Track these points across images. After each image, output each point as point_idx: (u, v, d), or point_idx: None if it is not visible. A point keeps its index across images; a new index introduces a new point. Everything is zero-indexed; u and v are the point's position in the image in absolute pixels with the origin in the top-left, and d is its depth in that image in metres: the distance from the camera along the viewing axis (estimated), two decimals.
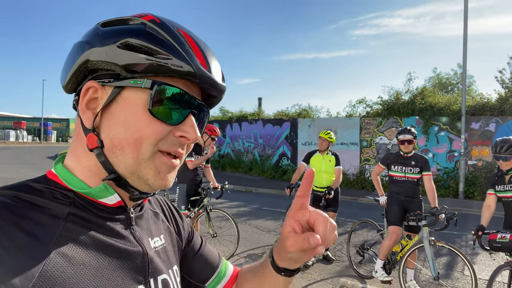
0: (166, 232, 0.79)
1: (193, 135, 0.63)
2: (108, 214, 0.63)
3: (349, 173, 14.33)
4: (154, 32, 0.60)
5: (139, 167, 0.60)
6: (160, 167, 0.62)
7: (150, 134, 0.59)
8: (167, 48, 0.59)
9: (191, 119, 0.64)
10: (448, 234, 6.94)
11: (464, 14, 12.36)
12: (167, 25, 0.62)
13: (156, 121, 0.59)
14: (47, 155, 25.93)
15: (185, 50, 0.60)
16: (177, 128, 0.62)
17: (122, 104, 0.60)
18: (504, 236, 3.30)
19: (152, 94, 0.59)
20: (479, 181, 11.85)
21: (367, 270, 5.10)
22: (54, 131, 54.21)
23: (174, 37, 0.61)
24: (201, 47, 0.64)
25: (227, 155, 19.09)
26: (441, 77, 30.79)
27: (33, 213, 0.54)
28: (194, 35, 0.65)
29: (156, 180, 0.62)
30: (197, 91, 0.66)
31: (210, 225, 5.25)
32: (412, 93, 14.11)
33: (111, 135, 0.60)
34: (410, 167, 4.42)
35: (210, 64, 0.63)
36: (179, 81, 0.62)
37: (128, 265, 0.62)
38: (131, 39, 0.59)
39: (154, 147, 0.60)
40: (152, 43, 0.59)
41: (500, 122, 12.02)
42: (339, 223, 7.79)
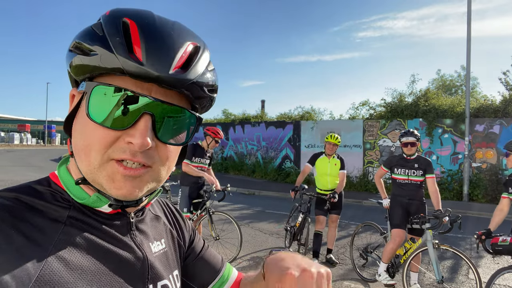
0: (167, 236, 0.78)
1: (138, 140, 0.54)
2: (108, 220, 0.62)
3: (352, 176, 14.29)
4: (96, 28, 0.56)
5: (94, 175, 0.57)
6: (113, 176, 0.56)
7: (95, 141, 0.55)
8: (98, 44, 0.54)
9: (144, 122, 0.55)
10: (452, 237, 6.89)
11: (468, 16, 12.34)
12: (113, 16, 0.56)
13: (99, 127, 0.55)
14: (51, 158, 26.03)
15: (115, 41, 0.53)
16: (126, 132, 0.55)
17: (81, 110, 0.58)
18: (505, 240, 3.30)
19: (88, 97, 0.55)
20: (483, 183, 11.78)
21: (371, 273, 5.07)
22: (58, 134, 54.44)
23: (110, 28, 0.55)
24: (144, 34, 0.55)
25: (230, 158, 19.09)
26: (445, 79, 30.71)
27: (32, 216, 0.53)
28: (150, 21, 0.57)
29: (111, 189, 0.57)
30: (163, 90, 0.57)
31: (213, 227, 5.24)
32: (415, 95, 14.06)
33: (74, 141, 0.59)
34: (413, 170, 4.39)
35: (150, 53, 0.54)
36: (126, 79, 0.55)
37: (127, 271, 0.61)
38: (78, 40, 0.57)
39: (101, 155, 0.55)
40: (88, 40, 0.55)
41: (504, 124, 11.95)
42: (342, 226, 7.77)
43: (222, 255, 4.48)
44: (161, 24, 0.57)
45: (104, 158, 0.55)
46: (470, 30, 12.25)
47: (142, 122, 0.55)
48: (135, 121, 0.55)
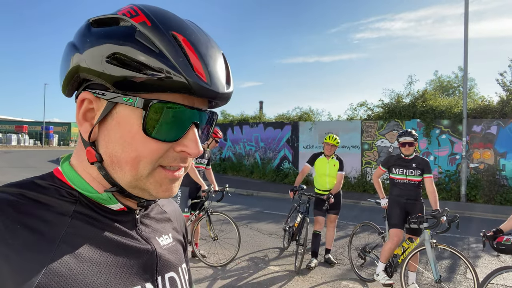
0: (174, 231, 0.78)
1: (194, 150, 0.59)
2: (114, 215, 0.63)
3: (350, 176, 14.31)
4: (144, 40, 0.54)
5: (139, 183, 0.59)
6: (162, 181, 0.60)
7: (148, 154, 0.57)
8: (159, 61, 0.53)
9: (193, 132, 0.59)
10: (450, 237, 6.92)
11: (465, 17, 12.39)
12: (160, 29, 0.55)
13: (152, 140, 0.56)
14: (49, 159, 25.97)
15: (179, 61, 0.54)
16: (178, 142, 0.58)
17: (117, 121, 0.57)
18: (509, 239, 3.31)
19: (146, 114, 0.55)
20: (481, 184, 11.82)
21: (369, 273, 5.09)
22: (55, 135, 54.36)
23: (167, 45, 0.54)
24: (200, 53, 0.57)
25: (228, 159, 19.09)
26: (442, 80, 30.82)
27: (38, 210, 0.54)
28: (194, 35, 0.58)
29: (158, 193, 0.61)
30: (202, 99, 0.61)
31: (211, 228, 5.24)
32: (413, 96, 14.10)
33: (109, 151, 0.58)
34: (411, 170, 4.41)
35: (211, 73, 0.57)
36: (177, 95, 0.57)
37: (135, 263, 0.61)
38: (119, 49, 0.54)
39: (153, 165, 0.58)
40: (142, 55, 0.53)
41: (501, 125, 12.00)
42: (340, 226, 7.78)
43: (220, 255, 4.47)
44: (201, 35, 0.60)
45: (154, 167, 0.58)
46: (467, 31, 12.30)
47: (192, 132, 0.59)
48: (185, 132, 0.59)
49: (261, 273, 5.00)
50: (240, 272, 5.00)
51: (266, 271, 5.09)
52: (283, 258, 5.71)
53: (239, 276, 4.84)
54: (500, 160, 11.97)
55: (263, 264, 5.38)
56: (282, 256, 5.84)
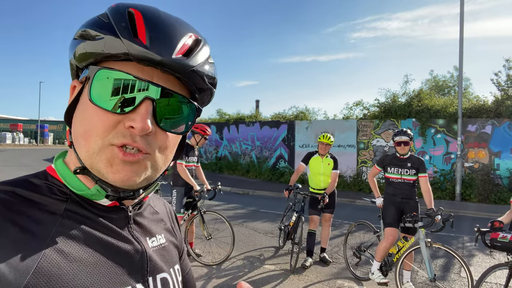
0: (167, 232, 0.77)
1: (138, 124, 0.54)
2: (105, 213, 0.62)
3: (346, 175, 14.35)
4: (102, 17, 0.58)
5: (93, 161, 0.57)
6: (112, 160, 0.56)
7: (95, 126, 0.55)
8: (105, 30, 0.55)
9: (145, 107, 0.56)
10: (445, 236, 6.95)
11: (460, 17, 12.45)
12: (117, 6, 0.58)
13: (100, 111, 0.55)
14: (44, 158, 25.81)
15: (120, 26, 0.55)
16: (127, 117, 0.55)
17: (82, 98, 0.59)
18: (505, 236, 3.31)
19: (91, 81, 0.56)
20: (476, 183, 11.89)
21: (364, 272, 5.10)
22: (51, 134, 54.01)
23: (115, 16, 0.56)
24: (148, 21, 0.56)
25: (224, 158, 19.07)
26: (438, 80, 30.96)
27: (29, 209, 0.53)
28: (155, 13, 0.59)
29: (109, 174, 0.57)
30: (165, 76, 0.58)
31: (205, 227, 5.22)
32: (408, 96, 14.16)
33: (74, 129, 0.59)
34: (406, 169, 4.42)
35: (154, 37, 0.55)
36: (129, 65, 0.56)
37: (126, 263, 0.61)
38: (83, 29, 0.58)
39: (102, 140, 0.55)
40: (94, 27, 0.57)
41: (496, 124, 12.07)
42: (335, 225, 7.80)
43: (215, 254, 4.45)
44: (165, 16, 0.59)
45: (105, 143, 0.55)
46: (462, 31, 12.36)
47: (143, 106, 0.56)
48: (137, 105, 0.55)
49: (257, 272, 5.00)
50: (235, 271, 4.99)
51: (261, 270, 5.09)
52: (279, 257, 5.72)
53: (234, 275, 4.84)
54: (495, 159, 12.05)
55: (259, 263, 5.37)
56: (278, 255, 5.84)
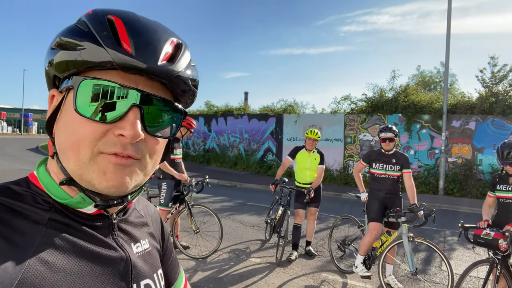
0: (150, 237, 0.78)
1: (130, 131, 0.55)
2: (89, 221, 0.62)
3: (333, 169, 14.48)
4: (80, 25, 0.57)
5: (83, 172, 0.56)
6: (105, 168, 0.56)
7: (85, 136, 0.55)
8: (85, 39, 0.55)
9: (133, 114, 0.56)
10: (427, 230, 7.10)
11: (448, 13, 12.57)
12: (96, 14, 0.58)
13: (88, 121, 0.55)
14: (28, 147, 25.33)
15: (103, 35, 0.54)
16: (116, 125, 0.56)
17: (65, 108, 0.58)
18: (489, 234, 3.37)
19: (76, 92, 0.55)
20: (459, 178, 12.14)
21: (348, 265, 5.19)
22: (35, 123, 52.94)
23: (95, 24, 0.56)
24: (130, 29, 0.56)
25: (212, 150, 19.02)
26: (424, 75, 31.23)
27: (12, 218, 0.53)
28: (134, 19, 0.58)
29: (101, 182, 0.56)
30: (149, 82, 0.59)
31: (192, 221, 5.23)
32: (395, 91, 14.30)
33: (58, 140, 0.59)
34: (391, 165, 4.50)
35: (138, 45, 0.55)
36: (113, 73, 0.56)
37: (110, 272, 0.61)
38: (61, 37, 0.57)
39: (91, 149, 0.55)
40: (74, 36, 0.56)
41: (480, 120, 12.30)
42: (321, 218, 7.89)
43: (202, 247, 4.45)
44: (144, 21, 0.59)
45: (94, 152, 0.55)
46: (449, 27, 12.50)
47: (131, 114, 0.56)
48: (124, 113, 0.56)
49: (243, 265, 5.04)
50: (221, 264, 5.03)
51: (247, 263, 5.13)
52: (265, 250, 5.77)
53: (220, 268, 4.87)
54: (478, 155, 12.31)
55: (245, 256, 5.42)
56: (264, 248, 5.90)
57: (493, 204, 3.82)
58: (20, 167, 14.40)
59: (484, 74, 12.93)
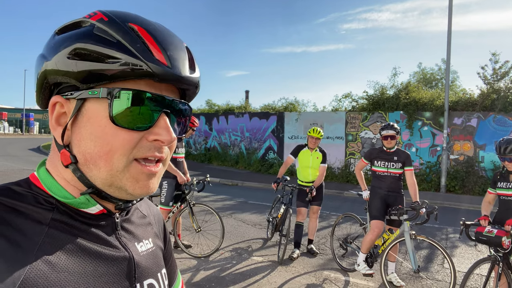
0: (154, 236, 0.78)
1: (167, 136, 0.58)
2: (92, 220, 0.62)
3: (334, 167, 14.47)
4: (102, 33, 0.56)
5: (115, 179, 0.58)
6: (138, 177, 0.58)
7: (120, 145, 0.56)
8: (116, 50, 0.55)
9: (164, 120, 0.59)
10: (429, 227, 7.09)
11: (449, 10, 12.52)
12: (116, 22, 0.57)
13: (123, 130, 0.56)
14: (29, 147, 25.38)
15: (137, 48, 0.55)
16: (149, 132, 0.58)
17: (87, 117, 0.57)
18: (491, 231, 3.35)
19: (111, 103, 0.55)
20: (461, 175, 12.11)
21: (350, 263, 5.19)
22: (36, 123, 53.00)
23: (124, 35, 0.56)
24: (158, 39, 0.58)
25: (214, 148, 19.03)
26: (426, 72, 31.17)
27: (15, 219, 0.52)
28: (152, 25, 0.60)
29: (135, 189, 0.59)
30: (168, 87, 0.62)
31: (194, 219, 5.23)
32: (397, 88, 14.26)
33: (82, 149, 0.58)
34: (393, 163, 4.49)
35: (172, 57, 0.58)
36: (141, 82, 0.58)
37: (114, 271, 0.61)
38: (79, 46, 0.56)
39: (127, 157, 0.57)
40: (101, 46, 0.55)
41: (481, 117, 12.27)
42: (323, 216, 7.88)
43: (204, 246, 4.45)
44: (160, 27, 0.61)
45: (129, 160, 0.57)
46: (451, 24, 12.45)
47: (162, 120, 0.59)
48: (156, 120, 0.59)
49: (245, 264, 5.04)
50: (223, 263, 5.03)
51: (249, 262, 5.14)
52: (267, 249, 5.77)
53: (222, 267, 4.87)
54: (479, 152, 12.28)
55: (247, 255, 5.42)
56: (266, 246, 5.90)
57: (493, 201, 3.81)
58: (21, 167, 14.43)
59: (485, 71, 12.88)
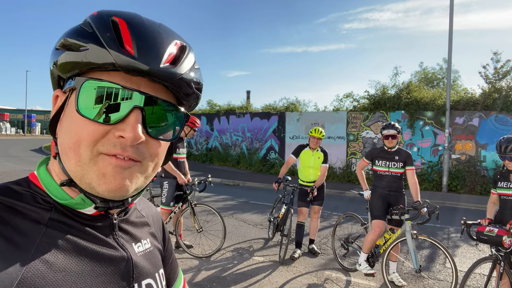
0: (151, 237, 0.78)
1: (129, 133, 0.54)
2: (89, 221, 0.61)
3: (335, 167, 14.46)
4: (85, 26, 0.57)
5: (82, 172, 0.56)
6: (105, 169, 0.56)
7: (85, 136, 0.55)
8: (88, 39, 0.55)
9: (134, 117, 0.55)
10: (430, 227, 7.08)
11: (450, 10, 12.50)
12: (101, 16, 0.57)
13: (90, 121, 0.55)
14: (31, 148, 25.44)
15: (106, 37, 0.54)
16: (116, 127, 0.55)
17: (68, 109, 0.58)
18: (492, 230, 3.36)
19: (78, 92, 0.55)
20: (462, 174, 12.09)
21: (351, 263, 5.18)
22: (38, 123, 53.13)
23: (99, 25, 0.56)
24: (135, 31, 0.56)
25: (215, 149, 19.05)
26: (427, 72, 31.11)
27: (13, 218, 0.53)
28: (139, 20, 0.58)
29: (100, 185, 0.56)
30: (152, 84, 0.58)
31: (195, 220, 5.23)
32: (398, 88, 14.25)
33: (60, 141, 0.59)
34: (394, 162, 4.48)
35: (141, 47, 0.55)
36: (115, 74, 0.56)
37: (111, 271, 0.61)
38: (65, 38, 0.57)
39: (91, 149, 0.55)
40: (76, 37, 0.56)
41: (483, 117, 12.24)
42: (324, 216, 7.88)
43: (205, 246, 4.44)
44: (149, 23, 0.59)
45: (94, 153, 0.55)
46: (452, 23, 12.43)
47: (132, 116, 0.55)
48: (126, 115, 0.55)
49: (246, 264, 5.04)
50: (224, 263, 5.03)
51: (250, 262, 5.14)
52: (268, 249, 5.77)
53: (224, 267, 4.87)
54: (481, 151, 12.25)
55: (248, 255, 5.42)
56: (267, 246, 5.90)
57: (497, 201, 3.80)
58: (23, 168, 14.46)
59: (487, 70, 12.85)
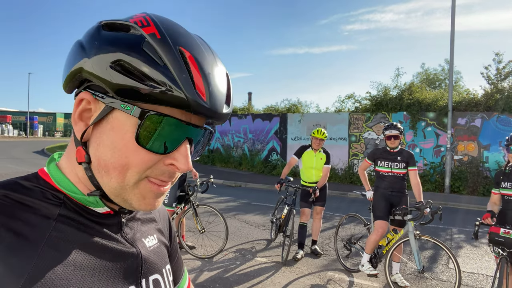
0: (158, 232, 0.79)
1: (183, 165, 0.58)
2: (99, 218, 0.62)
3: (337, 168, 14.44)
4: (150, 51, 0.54)
5: (123, 192, 0.58)
6: (146, 194, 0.59)
7: (137, 163, 0.56)
8: (161, 74, 0.53)
9: (185, 148, 0.58)
10: (433, 227, 7.06)
11: (452, 11, 12.49)
12: (167, 43, 0.55)
13: (144, 150, 0.56)
14: (33, 150, 25.52)
15: (181, 77, 0.54)
16: (168, 156, 0.58)
17: (112, 125, 0.57)
18: (509, 232, 3.21)
19: (141, 124, 0.55)
20: (465, 175, 12.06)
21: (354, 263, 5.17)
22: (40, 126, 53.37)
23: (172, 60, 0.54)
24: (204, 71, 0.57)
25: (217, 150, 19.05)
26: (429, 73, 31.12)
27: (22, 213, 0.53)
28: (200, 51, 0.59)
29: (140, 205, 0.60)
30: (197, 116, 0.60)
31: (198, 220, 5.23)
32: (400, 89, 14.24)
33: (98, 154, 0.57)
34: (396, 163, 4.48)
35: (211, 92, 0.57)
36: (174, 109, 0.56)
37: (120, 266, 0.61)
38: (124, 57, 0.54)
39: (140, 175, 0.57)
40: (146, 66, 0.53)
41: (485, 117, 12.22)
42: (327, 217, 7.87)
43: (208, 247, 4.45)
44: (207, 53, 0.60)
45: (141, 178, 0.57)
46: (454, 24, 12.42)
47: (184, 147, 0.58)
48: (178, 146, 0.58)
49: (248, 265, 5.04)
50: (227, 264, 5.03)
51: (253, 263, 5.13)
52: (270, 250, 5.77)
53: (226, 268, 4.88)
54: (484, 152, 12.22)
55: (250, 256, 5.42)
56: (269, 247, 5.89)
57: (499, 201, 3.75)
58: (25, 169, 14.50)
59: (489, 70, 12.84)
